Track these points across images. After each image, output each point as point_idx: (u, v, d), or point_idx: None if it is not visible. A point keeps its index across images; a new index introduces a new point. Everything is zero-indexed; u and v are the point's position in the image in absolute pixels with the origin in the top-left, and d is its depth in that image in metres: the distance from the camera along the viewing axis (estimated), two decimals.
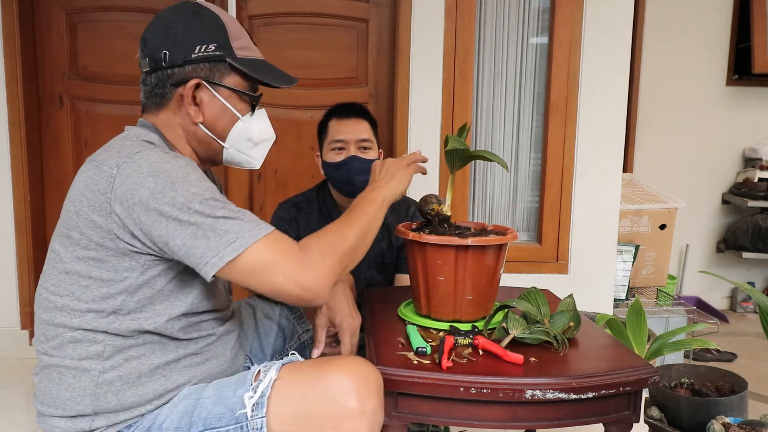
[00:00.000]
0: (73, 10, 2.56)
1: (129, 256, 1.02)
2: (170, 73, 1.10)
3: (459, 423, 1.06)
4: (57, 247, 1.06)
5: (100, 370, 1.04)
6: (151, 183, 0.98)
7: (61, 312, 1.05)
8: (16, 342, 2.56)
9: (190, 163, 1.04)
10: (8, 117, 2.46)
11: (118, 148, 1.04)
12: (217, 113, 1.13)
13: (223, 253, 0.97)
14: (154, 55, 1.09)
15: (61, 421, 1.06)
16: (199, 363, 1.12)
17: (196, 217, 0.97)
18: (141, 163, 0.99)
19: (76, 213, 1.02)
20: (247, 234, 0.99)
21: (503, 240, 1.24)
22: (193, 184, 1.00)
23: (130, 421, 1.06)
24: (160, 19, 1.12)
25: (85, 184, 1.03)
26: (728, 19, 3.61)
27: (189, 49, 1.09)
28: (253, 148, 1.21)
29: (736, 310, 3.76)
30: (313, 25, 2.57)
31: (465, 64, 2.46)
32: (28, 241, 2.53)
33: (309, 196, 1.85)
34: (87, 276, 1.03)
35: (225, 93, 1.13)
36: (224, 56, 1.11)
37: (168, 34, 1.09)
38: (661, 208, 2.93)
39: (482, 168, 2.60)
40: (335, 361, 1.04)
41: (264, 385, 1.01)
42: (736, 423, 1.51)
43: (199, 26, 1.10)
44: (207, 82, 1.11)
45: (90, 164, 1.05)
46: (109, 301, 1.03)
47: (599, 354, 1.18)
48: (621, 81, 2.50)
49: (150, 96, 1.13)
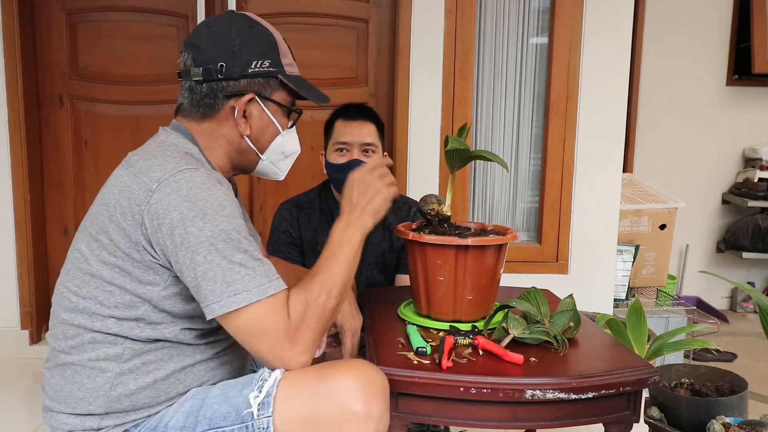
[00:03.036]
0: (73, 10, 2.56)
1: (153, 270, 1.02)
2: (225, 85, 1.11)
3: (459, 423, 1.06)
4: (83, 247, 1.06)
5: (117, 372, 1.04)
6: (185, 208, 0.98)
7: (83, 314, 1.05)
8: (17, 342, 2.56)
9: (228, 193, 1.04)
10: (8, 117, 2.46)
11: (161, 160, 1.03)
12: (264, 127, 1.16)
13: (225, 302, 0.97)
14: (210, 66, 1.10)
15: (69, 417, 1.06)
16: (213, 368, 1.13)
17: (214, 255, 0.97)
18: (182, 184, 0.99)
19: (109, 218, 1.03)
20: (254, 290, 0.98)
21: (503, 240, 1.24)
22: (225, 219, 0.99)
23: (138, 420, 1.07)
24: (213, 28, 1.13)
25: (120, 191, 1.03)
26: (728, 19, 3.61)
27: (246, 63, 1.11)
28: (283, 161, 1.24)
29: (736, 310, 3.76)
30: (313, 25, 2.57)
31: (465, 64, 2.46)
32: (28, 241, 2.53)
33: (311, 196, 1.85)
34: (111, 282, 1.03)
35: (272, 108, 1.16)
36: (276, 73, 1.14)
37: (225, 46, 1.10)
38: (661, 208, 2.93)
39: (482, 168, 2.60)
40: (341, 364, 1.04)
41: (269, 385, 1.01)
42: (736, 423, 1.51)
43: (256, 41, 1.13)
44: (259, 96, 1.13)
45: (129, 170, 1.05)
46: (131, 310, 1.04)
47: (599, 354, 1.18)
48: (621, 81, 2.50)
49: (197, 104, 1.13)
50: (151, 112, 2.61)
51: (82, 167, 2.63)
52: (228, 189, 1.06)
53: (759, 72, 3.47)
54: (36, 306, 2.58)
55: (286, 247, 1.79)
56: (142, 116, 2.61)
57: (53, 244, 2.66)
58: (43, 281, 2.64)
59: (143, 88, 2.60)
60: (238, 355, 1.19)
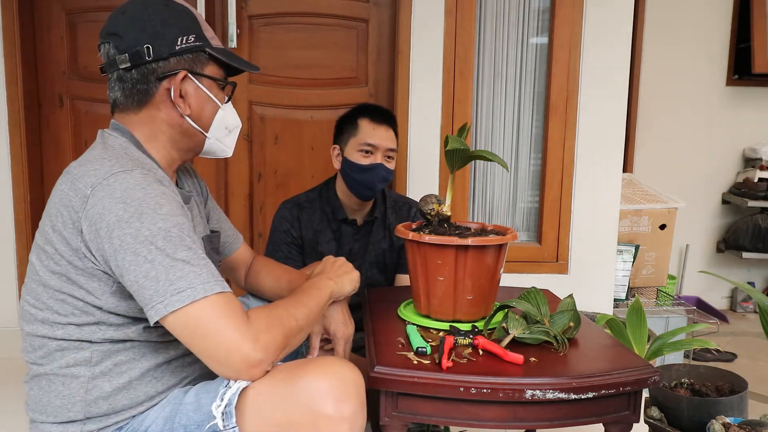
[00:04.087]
0: (73, 10, 2.55)
1: (97, 277, 1.00)
2: (155, 66, 1.08)
3: (459, 423, 1.06)
4: (33, 259, 1.05)
5: (89, 376, 1.03)
6: (120, 210, 0.95)
7: (43, 324, 1.04)
8: (16, 342, 2.55)
9: (165, 192, 1.01)
10: (8, 117, 2.46)
11: (97, 165, 1.01)
12: (202, 104, 1.14)
13: (168, 301, 0.92)
14: (134, 50, 1.07)
15: (52, 427, 1.05)
16: (190, 363, 1.12)
17: (155, 254, 0.94)
18: (115, 186, 0.97)
19: (52, 228, 1.01)
20: (199, 287, 0.93)
21: (503, 240, 1.24)
22: (162, 217, 0.96)
23: (120, 423, 1.06)
24: (129, 13, 1.09)
25: (60, 199, 1.01)
26: (728, 19, 3.61)
27: (172, 41, 1.08)
28: (228, 136, 1.21)
29: (736, 310, 3.76)
30: (313, 25, 2.56)
31: (465, 64, 2.46)
32: (28, 241, 2.53)
33: (311, 195, 1.85)
34: (60, 291, 1.02)
35: (206, 83, 1.14)
36: (203, 46, 1.12)
37: (146, 27, 1.07)
38: (661, 208, 2.93)
39: (482, 168, 2.59)
40: (310, 363, 0.99)
41: (231, 393, 0.96)
42: (736, 423, 1.51)
43: (176, 18, 1.10)
44: (191, 73, 1.11)
45: (66, 178, 1.03)
46: (87, 315, 1.02)
47: (599, 354, 1.18)
48: (621, 81, 2.49)
49: (131, 93, 1.10)
50: None
51: None
52: (168, 188, 1.04)
53: (759, 72, 3.47)
54: None
55: (287, 246, 1.79)
56: None
57: None
58: None
59: None
60: None
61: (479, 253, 1.22)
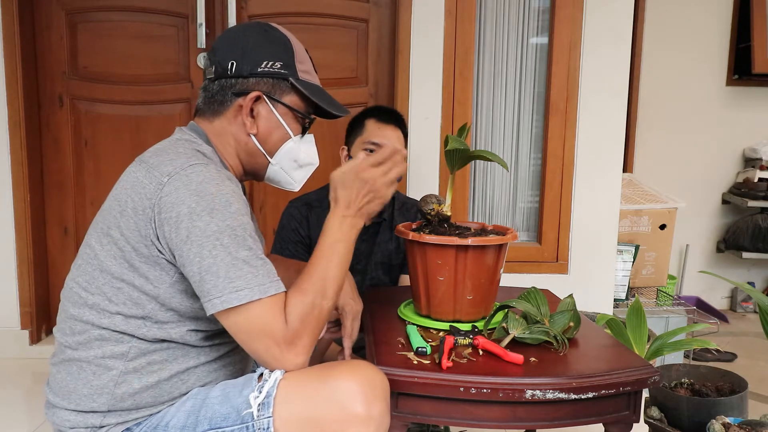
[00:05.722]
0: (73, 10, 2.55)
1: (160, 266, 1.03)
2: (234, 82, 1.15)
3: (459, 423, 1.06)
4: (93, 243, 1.07)
5: (122, 371, 1.05)
6: (193, 202, 0.99)
7: (91, 310, 1.06)
8: (17, 342, 2.56)
9: (235, 190, 1.05)
10: (8, 117, 2.46)
11: (172, 155, 1.05)
12: (271, 128, 1.17)
13: (226, 298, 0.98)
14: (221, 64, 1.15)
15: (72, 414, 1.06)
16: (215, 369, 1.14)
17: (219, 250, 0.98)
18: (192, 178, 1.01)
19: (120, 212, 1.04)
20: (255, 288, 0.99)
21: (503, 240, 1.24)
22: (231, 215, 1.01)
23: (140, 419, 1.07)
24: (231, 32, 1.18)
25: (132, 185, 1.04)
26: (728, 19, 3.61)
27: (256, 62, 1.14)
28: (297, 170, 1.24)
29: (736, 310, 3.76)
30: (313, 25, 2.57)
31: (465, 65, 2.46)
32: (28, 241, 2.53)
33: (320, 194, 1.84)
34: (119, 278, 1.04)
35: (282, 110, 1.17)
36: (288, 75, 1.16)
37: (237, 45, 1.15)
38: (661, 208, 2.93)
39: (482, 168, 2.60)
40: (341, 365, 1.04)
41: (269, 385, 1.01)
42: (736, 423, 1.51)
43: (268, 44, 1.16)
44: (267, 96, 1.15)
45: (140, 165, 1.07)
46: (139, 307, 1.04)
47: (599, 354, 1.18)
48: (621, 81, 2.49)
49: (209, 102, 1.17)
50: (151, 112, 2.61)
51: (82, 167, 2.62)
52: (237, 186, 1.07)
53: (759, 72, 3.47)
54: (36, 306, 2.58)
55: (294, 245, 1.78)
56: (142, 116, 2.61)
57: (53, 244, 2.66)
58: (43, 281, 2.64)
59: (143, 88, 2.60)
60: (240, 357, 1.19)
61: (479, 253, 1.22)
